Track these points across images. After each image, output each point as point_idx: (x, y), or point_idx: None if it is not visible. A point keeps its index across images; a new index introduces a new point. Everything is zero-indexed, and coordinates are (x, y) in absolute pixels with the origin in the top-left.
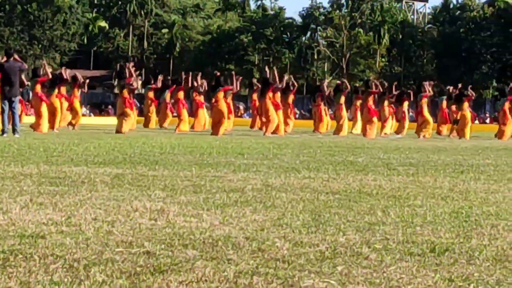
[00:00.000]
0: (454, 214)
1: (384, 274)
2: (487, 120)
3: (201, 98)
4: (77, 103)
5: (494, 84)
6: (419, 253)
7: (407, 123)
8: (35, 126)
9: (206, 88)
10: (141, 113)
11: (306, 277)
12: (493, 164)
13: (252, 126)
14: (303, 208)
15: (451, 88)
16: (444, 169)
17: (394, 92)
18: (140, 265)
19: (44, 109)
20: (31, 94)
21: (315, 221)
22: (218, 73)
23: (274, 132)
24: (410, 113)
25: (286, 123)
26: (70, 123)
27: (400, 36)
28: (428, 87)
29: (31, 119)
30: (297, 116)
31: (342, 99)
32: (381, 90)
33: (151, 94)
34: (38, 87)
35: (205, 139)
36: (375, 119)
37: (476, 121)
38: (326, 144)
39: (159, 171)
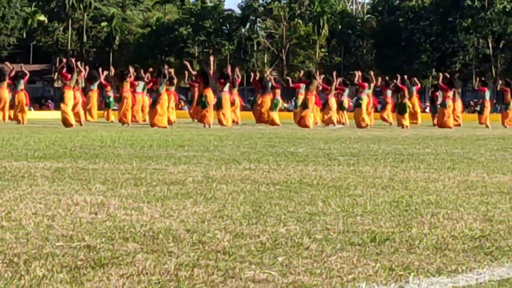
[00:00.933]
0: (395, 204)
1: (325, 264)
2: (427, 110)
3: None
4: (22, 97)
5: (434, 73)
6: (359, 243)
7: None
8: None
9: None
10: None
11: (247, 268)
12: (433, 153)
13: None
14: (243, 199)
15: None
16: (384, 158)
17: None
18: (80, 259)
19: None
20: None
21: (255, 212)
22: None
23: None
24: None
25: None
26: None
27: (340, 27)
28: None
29: None
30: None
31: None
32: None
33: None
34: None
35: (146, 132)
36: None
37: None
38: (266, 135)
39: (100, 164)
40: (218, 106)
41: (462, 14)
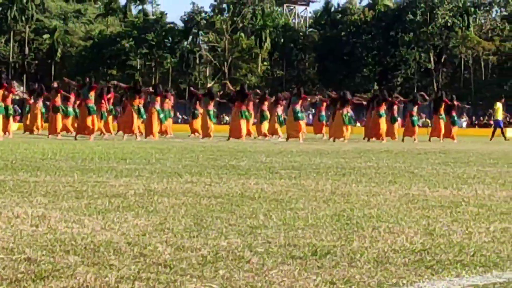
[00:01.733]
0: (336, 217)
1: (266, 278)
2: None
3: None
4: None
5: (376, 87)
6: (300, 256)
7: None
8: None
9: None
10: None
11: (188, 281)
12: (374, 167)
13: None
14: (185, 212)
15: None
16: (326, 172)
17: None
18: (21, 271)
19: None
20: None
21: (197, 226)
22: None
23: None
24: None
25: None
26: None
27: (282, 40)
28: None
29: None
30: (179, 120)
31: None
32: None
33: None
34: None
35: (87, 144)
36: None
37: (358, 124)
38: (208, 148)
39: (41, 177)
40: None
41: (404, 28)
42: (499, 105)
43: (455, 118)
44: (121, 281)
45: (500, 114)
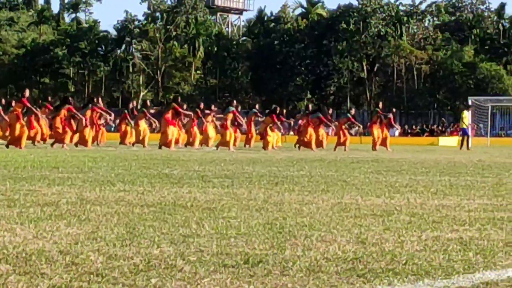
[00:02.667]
0: (268, 226)
1: (198, 286)
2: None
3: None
4: None
5: (309, 95)
6: (233, 265)
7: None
8: None
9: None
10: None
11: None
12: (307, 175)
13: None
14: (117, 221)
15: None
16: (259, 180)
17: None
18: None
19: None
20: None
21: (129, 234)
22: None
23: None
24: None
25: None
26: None
27: (215, 49)
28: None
29: None
30: (112, 129)
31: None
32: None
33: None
34: None
35: (20, 152)
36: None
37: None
38: (141, 157)
39: None
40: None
41: (337, 37)
42: (466, 114)
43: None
44: None
45: (466, 123)
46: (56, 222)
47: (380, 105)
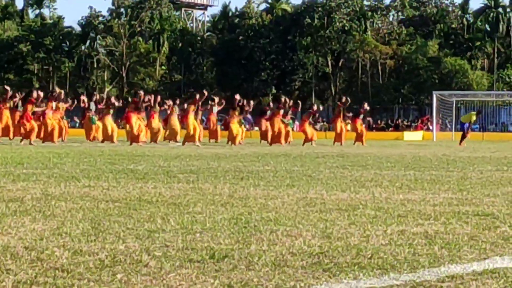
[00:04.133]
0: (234, 220)
1: (164, 281)
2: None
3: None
4: None
5: (274, 91)
6: (198, 260)
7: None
8: None
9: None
10: None
11: (86, 285)
12: (272, 171)
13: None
14: (82, 216)
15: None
16: (224, 175)
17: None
18: None
19: None
20: None
21: (94, 230)
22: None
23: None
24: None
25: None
26: None
27: (180, 44)
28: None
29: None
30: (77, 125)
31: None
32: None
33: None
34: None
35: None
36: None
37: (256, 128)
38: (106, 152)
39: None
40: None
41: (302, 32)
42: (474, 117)
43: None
44: (18, 286)
45: (468, 120)
46: (21, 218)
47: (343, 99)
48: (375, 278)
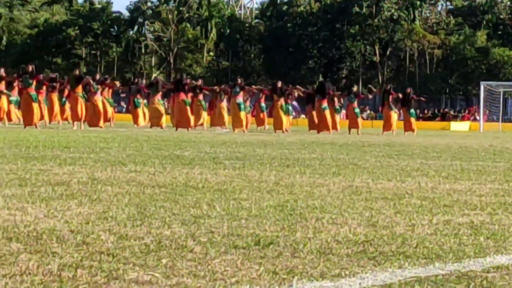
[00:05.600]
0: (279, 208)
1: (209, 267)
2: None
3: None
4: None
5: (321, 78)
6: (243, 246)
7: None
8: None
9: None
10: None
11: (131, 270)
12: (318, 158)
13: None
14: (128, 201)
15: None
16: (270, 163)
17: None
18: None
19: None
20: None
21: (140, 214)
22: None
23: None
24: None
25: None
26: None
27: (228, 31)
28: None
29: None
30: (123, 110)
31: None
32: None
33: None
34: None
35: (32, 132)
36: None
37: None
38: (153, 138)
39: None
40: None
41: (350, 20)
42: None
43: (412, 110)
44: (63, 269)
45: None
46: (67, 201)
47: (388, 87)
48: (420, 267)
